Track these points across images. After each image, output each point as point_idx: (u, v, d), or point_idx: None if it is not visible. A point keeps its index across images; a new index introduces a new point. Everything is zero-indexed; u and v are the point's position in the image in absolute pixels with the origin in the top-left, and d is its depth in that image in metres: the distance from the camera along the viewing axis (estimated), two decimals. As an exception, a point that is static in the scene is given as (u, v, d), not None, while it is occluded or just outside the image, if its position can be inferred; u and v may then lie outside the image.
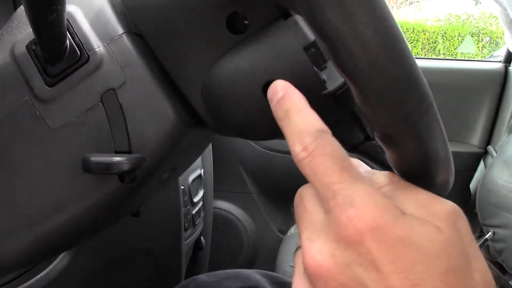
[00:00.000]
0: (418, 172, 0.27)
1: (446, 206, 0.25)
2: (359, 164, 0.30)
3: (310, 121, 0.26)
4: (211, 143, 1.16)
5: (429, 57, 4.53)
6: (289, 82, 0.30)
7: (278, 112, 0.27)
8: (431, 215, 0.24)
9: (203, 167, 1.12)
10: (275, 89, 0.27)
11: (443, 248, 0.23)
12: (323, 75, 0.30)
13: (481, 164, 1.44)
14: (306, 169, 0.25)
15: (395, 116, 0.24)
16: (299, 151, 0.25)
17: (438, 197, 0.26)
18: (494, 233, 1.16)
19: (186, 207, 0.95)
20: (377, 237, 0.22)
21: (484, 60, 2.07)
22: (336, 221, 0.23)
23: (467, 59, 4.16)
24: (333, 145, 0.25)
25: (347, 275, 0.23)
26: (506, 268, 1.11)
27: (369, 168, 0.30)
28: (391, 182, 0.27)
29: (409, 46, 0.23)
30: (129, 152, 0.33)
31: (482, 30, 5.28)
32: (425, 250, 0.22)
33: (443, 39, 5.29)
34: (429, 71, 1.49)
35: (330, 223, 0.24)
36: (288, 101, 0.27)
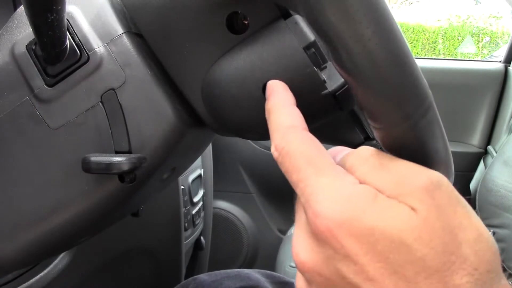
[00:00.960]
0: None
1: (421, 180, 0.23)
2: (338, 150, 0.28)
3: (281, 119, 0.26)
4: (211, 143, 1.16)
5: (429, 57, 4.53)
6: (289, 82, 0.30)
7: (265, 111, 0.28)
8: (406, 193, 0.23)
9: (203, 167, 1.12)
10: (267, 88, 0.29)
11: (418, 232, 0.22)
12: (323, 75, 0.30)
13: (481, 164, 1.44)
14: (281, 168, 0.25)
15: (395, 116, 0.23)
16: (272, 150, 0.26)
17: (415, 169, 0.24)
18: (494, 233, 1.16)
19: (186, 207, 0.95)
20: (346, 231, 0.22)
21: (484, 60, 2.07)
22: (307, 218, 0.24)
23: (467, 59, 4.15)
24: (300, 140, 0.25)
25: (328, 269, 0.23)
26: (506, 268, 1.11)
27: (350, 150, 0.27)
28: (371, 159, 0.25)
29: (409, 46, 0.23)
30: (129, 152, 0.33)
31: (482, 30, 5.28)
32: (397, 238, 0.22)
33: (443, 39, 5.29)
34: (429, 71, 1.49)
35: (307, 220, 0.24)
36: (271, 101, 0.28)
